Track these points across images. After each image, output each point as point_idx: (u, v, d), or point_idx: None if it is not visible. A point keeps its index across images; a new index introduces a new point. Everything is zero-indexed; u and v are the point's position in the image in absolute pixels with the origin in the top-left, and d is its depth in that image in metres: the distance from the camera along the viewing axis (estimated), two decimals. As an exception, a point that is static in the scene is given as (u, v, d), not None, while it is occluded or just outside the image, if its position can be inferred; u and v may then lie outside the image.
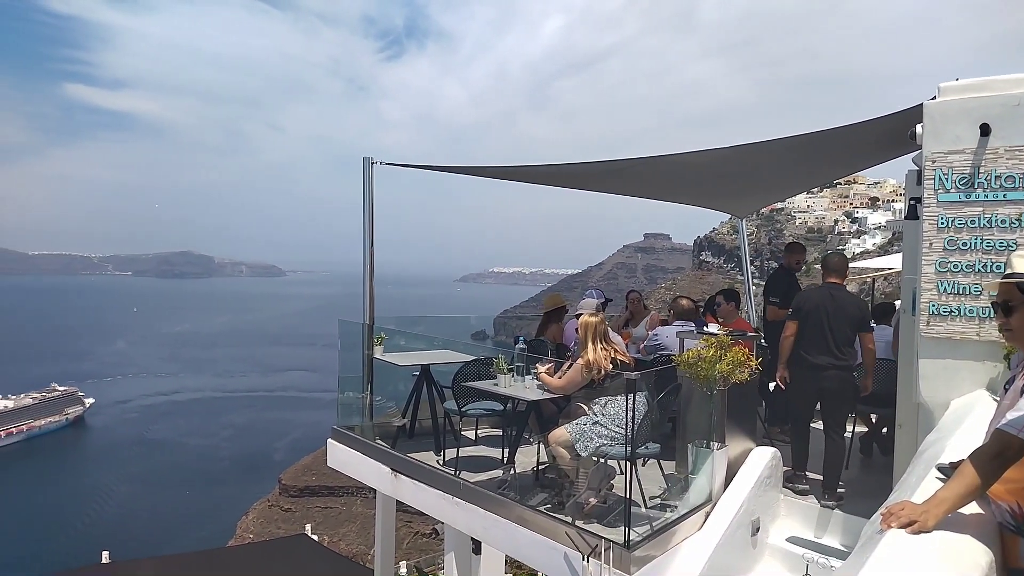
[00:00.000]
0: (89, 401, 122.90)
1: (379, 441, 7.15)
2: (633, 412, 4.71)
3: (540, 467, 6.02)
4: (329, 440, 7.60)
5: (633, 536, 4.55)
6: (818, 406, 6.01)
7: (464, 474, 6.02)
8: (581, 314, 5.68)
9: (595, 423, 5.10)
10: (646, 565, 4.53)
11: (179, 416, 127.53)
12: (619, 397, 5.07)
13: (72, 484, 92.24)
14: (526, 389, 5.76)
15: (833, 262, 6.16)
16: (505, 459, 6.33)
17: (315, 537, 17.26)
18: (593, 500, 5.08)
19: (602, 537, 4.56)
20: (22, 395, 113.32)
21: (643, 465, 5.21)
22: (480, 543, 6.86)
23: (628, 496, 4.61)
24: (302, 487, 78.53)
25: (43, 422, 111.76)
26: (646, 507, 4.99)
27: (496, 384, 5.92)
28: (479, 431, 7.49)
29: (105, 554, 17.25)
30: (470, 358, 6.92)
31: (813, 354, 5.81)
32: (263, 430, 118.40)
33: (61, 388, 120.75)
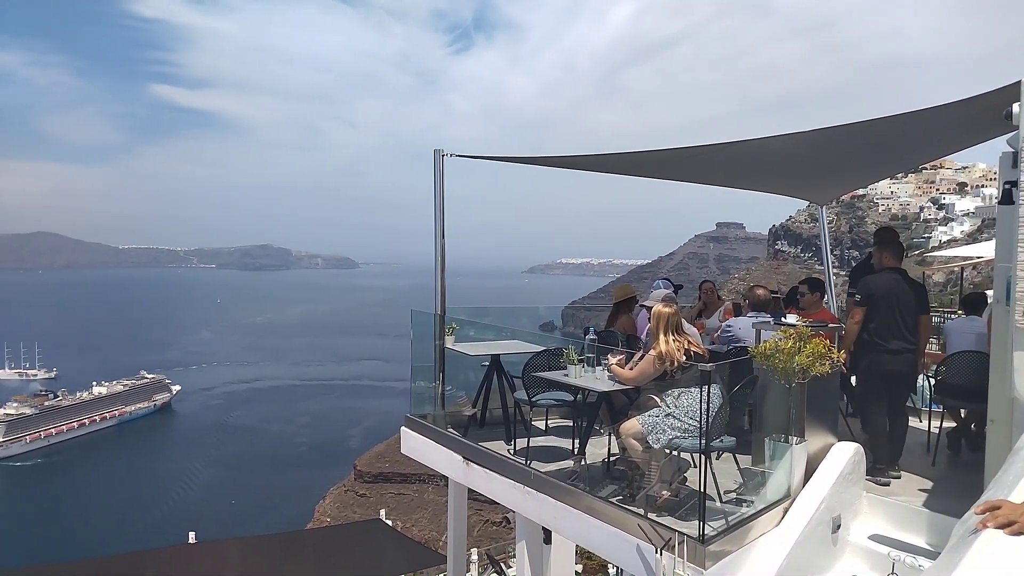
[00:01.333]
0: (175, 388, 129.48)
1: (451, 429, 7.26)
2: (708, 404, 4.63)
3: (611, 458, 5.99)
4: (403, 428, 7.77)
5: (708, 530, 4.48)
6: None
7: (535, 464, 6.05)
8: (652, 305, 5.61)
9: (668, 415, 5.04)
10: (721, 560, 4.45)
11: (259, 403, 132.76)
12: (693, 389, 5.00)
13: (160, 467, 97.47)
14: (596, 380, 5.74)
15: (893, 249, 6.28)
16: (575, 450, 6.32)
17: (389, 522, 17.66)
18: (666, 493, 5.03)
19: (675, 530, 4.50)
20: (114, 382, 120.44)
21: (717, 459, 5.11)
22: (551, 532, 6.88)
23: (703, 490, 4.54)
24: (376, 473, 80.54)
25: (133, 408, 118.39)
26: (721, 501, 4.90)
27: (566, 375, 5.92)
28: (549, 421, 7.51)
29: (191, 534, 18.10)
30: (540, 348, 6.93)
31: (888, 339, 5.84)
32: (338, 417, 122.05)
33: (150, 376, 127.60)
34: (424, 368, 7.93)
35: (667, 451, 5.12)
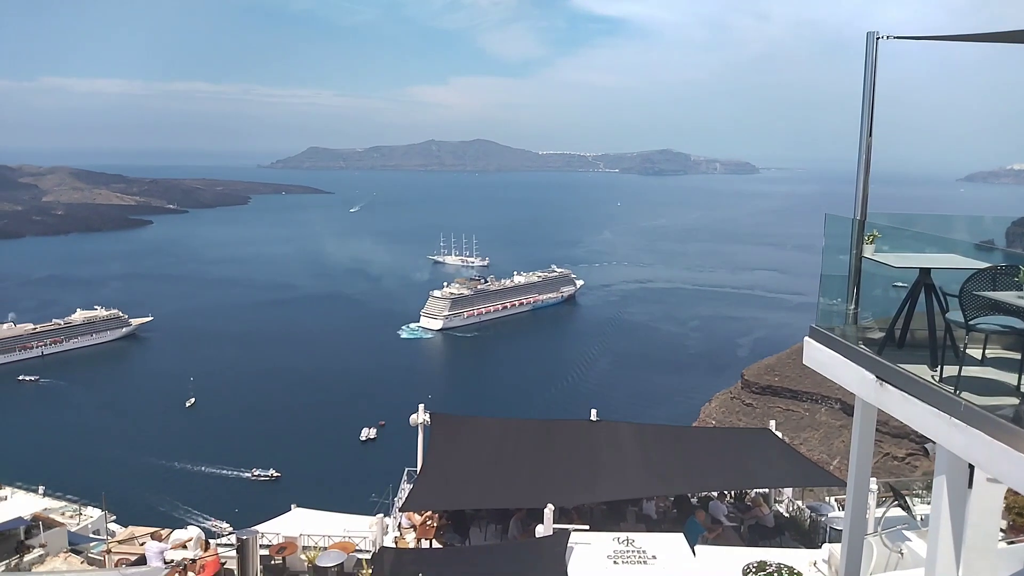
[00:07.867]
0: (579, 283, 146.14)
1: (862, 345, 6.74)
2: None
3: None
4: (806, 339, 7.46)
5: None
6: None
7: (966, 395, 5.33)
8: None
9: None
10: None
11: (652, 303, 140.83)
12: None
13: (563, 350, 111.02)
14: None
15: None
16: (1022, 385, 5.38)
17: (779, 435, 17.35)
18: None
19: None
20: (531, 273, 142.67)
21: None
22: (972, 475, 6.06)
23: None
24: (764, 385, 79.52)
25: (544, 297, 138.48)
26: None
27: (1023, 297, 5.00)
28: (988, 350, 6.48)
29: (593, 412, 20.12)
30: (984, 265, 5.96)
31: None
32: (728, 325, 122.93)
33: (559, 269, 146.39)
34: (834, 278, 7.50)
35: None
